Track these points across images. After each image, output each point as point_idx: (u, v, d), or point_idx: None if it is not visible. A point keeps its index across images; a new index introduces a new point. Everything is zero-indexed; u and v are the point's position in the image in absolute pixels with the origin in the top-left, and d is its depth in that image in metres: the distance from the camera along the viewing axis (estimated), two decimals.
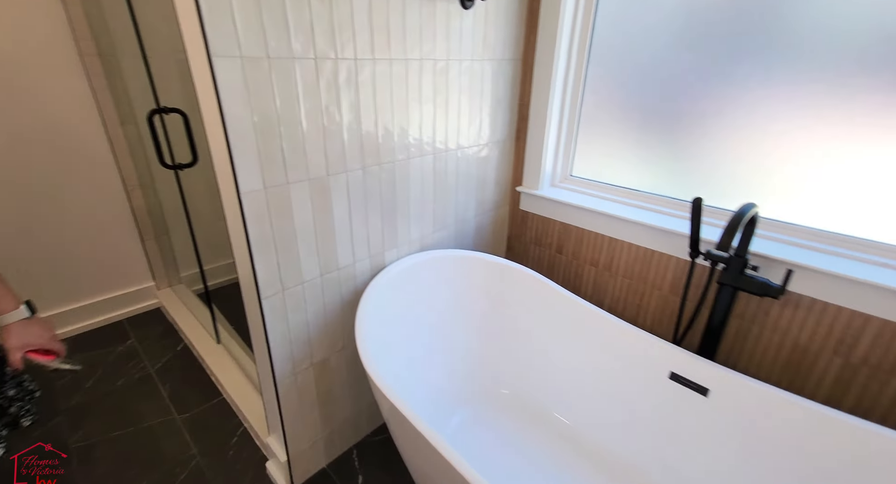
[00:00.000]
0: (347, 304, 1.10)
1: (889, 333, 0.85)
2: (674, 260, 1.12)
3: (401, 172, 1.11)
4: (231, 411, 1.38)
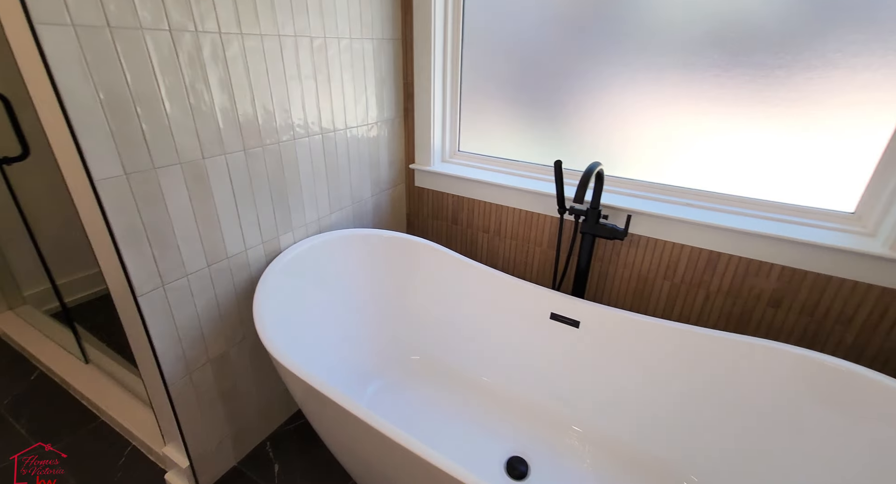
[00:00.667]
0: (243, 293, 1.05)
1: (696, 257, 1.09)
2: (549, 219, 1.28)
3: (288, 154, 1.08)
4: (113, 433, 1.24)
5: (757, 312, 1.06)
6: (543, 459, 1.06)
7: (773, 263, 1.00)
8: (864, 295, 0.94)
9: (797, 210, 1.02)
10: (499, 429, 1.14)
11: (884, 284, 0.91)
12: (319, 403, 0.83)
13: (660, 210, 1.09)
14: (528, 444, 1.10)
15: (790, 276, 1.00)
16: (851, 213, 0.98)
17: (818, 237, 0.94)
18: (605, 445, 1.08)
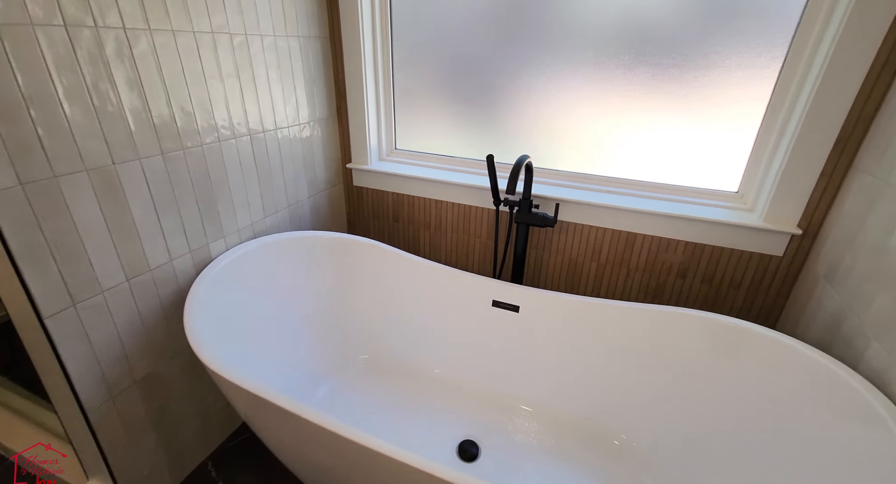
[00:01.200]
0: (171, 306, 0.99)
1: (617, 238, 1.20)
2: (486, 211, 1.33)
3: (213, 157, 1.02)
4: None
5: (668, 284, 1.19)
6: (493, 439, 1.11)
7: (678, 239, 1.13)
8: (748, 262, 1.09)
9: (695, 192, 1.16)
10: (450, 416, 1.17)
11: (761, 251, 1.06)
12: (266, 413, 0.81)
13: (584, 198, 1.18)
14: (479, 427, 1.15)
15: (692, 250, 1.13)
16: (735, 192, 1.13)
17: (712, 214, 1.08)
18: (549, 419, 1.16)
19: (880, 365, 0.73)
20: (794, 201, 1.00)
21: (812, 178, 0.96)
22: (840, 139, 0.91)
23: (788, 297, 1.09)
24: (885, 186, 0.81)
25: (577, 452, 1.08)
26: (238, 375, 0.79)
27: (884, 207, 0.80)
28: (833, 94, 0.88)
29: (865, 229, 0.84)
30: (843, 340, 0.84)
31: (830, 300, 0.91)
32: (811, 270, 1.01)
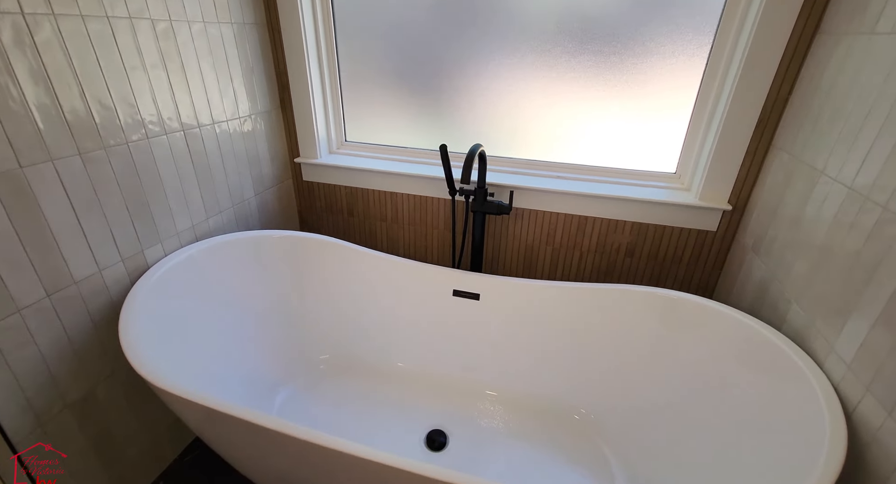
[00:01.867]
0: (103, 321, 0.91)
1: (569, 223, 1.24)
2: (442, 201, 1.33)
3: (142, 156, 0.94)
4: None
5: (618, 263, 1.25)
6: (460, 426, 1.13)
7: (626, 220, 1.19)
8: (687, 238, 1.17)
9: (638, 174, 1.22)
10: (416, 408, 1.17)
11: (698, 227, 1.14)
12: (221, 425, 0.77)
13: (537, 184, 1.20)
14: (446, 416, 1.15)
15: (638, 229, 1.19)
16: (673, 173, 1.20)
17: (653, 195, 1.14)
18: (513, 401, 1.19)
19: (800, 325, 0.82)
20: (724, 180, 1.08)
21: (738, 157, 1.04)
22: (761, 120, 0.99)
23: (722, 268, 1.19)
24: (799, 163, 0.89)
25: (541, 431, 1.12)
26: (186, 389, 0.74)
27: (798, 182, 0.88)
28: (754, 78, 0.95)
29: (784, 203, 0.93)
30: (770, 305, 0.92)
31: (758, 269, 1.00)
32: (741, 242, 1.10)
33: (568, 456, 1.06)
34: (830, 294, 0.75)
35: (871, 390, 0.63)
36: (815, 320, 0.77)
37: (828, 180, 0.79)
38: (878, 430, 0.61)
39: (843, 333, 0.70)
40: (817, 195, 0.82)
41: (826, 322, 0.75)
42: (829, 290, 0.75)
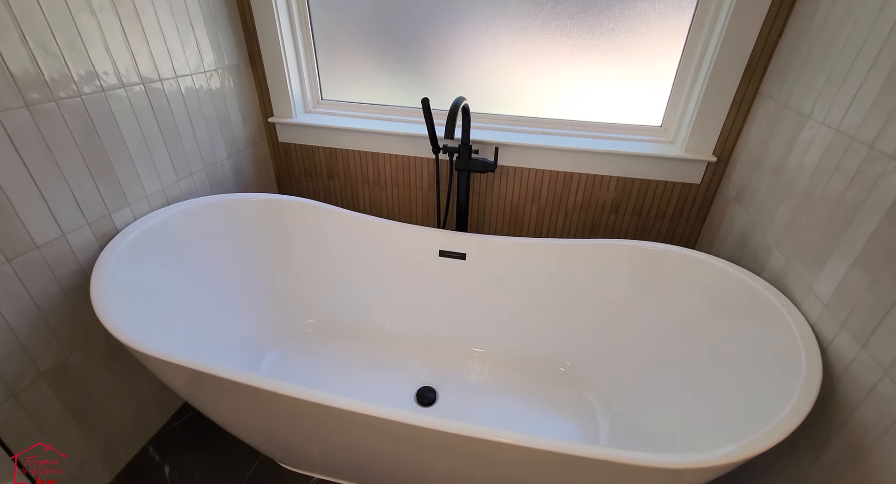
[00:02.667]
0: (73, 288, 0.86)
1: (555, 180, 1.23)
2: (426, 161, 1.29)
3: (98, 111, 0.87)
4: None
5: (603, 219, 1.26)
6: (449, 383, 1.15)
7: (611, 175, 1.18)
8: (672, 191, 1.17)
9: (624, 128, 1.20)
10: (406, 368, 1.18)
11: (682, 181, 1.14)
12: (210, 388, 0.75)
13: (522, 140, 1.17)
14: (435, 374, 1.17)
15: (623, 185, 1.18)
16: (659, 126, 1.18)
17: (639, 148, 1.13)
18: (500, 357, 1.21)
19: (779, 269, 0.83)
20: (709, 131, 1.06)
21: (725, 107, 1.02)
22: (749, 66, 0.97)
23: (705, 221, 1.20)
24: (785, 109, 0.88)
25: (528, 384, 1.15)
26: (171, 353, 0.71)
27: (783, 130, 0.88)
28: (744, 21, 0.93)
29: (768, 151, 0.92)
30: (750, 253, 0.94)
31: (739, 219, 1.01)
32: (724, 194, 1.11)
33: (554, 405, 1.09)
34: (811, 238, 0.76)
35: (847, 326, 0.65)
36: (795, 264, 0.79)
37: (814, 124, 0.79)
38: (850, 362, 0.63)
39: (822, 274, 0.72)
40: (803, 140, 0.81)
41: (805, 265, 0.76)
42: (810, 234, 0.76)
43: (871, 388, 0.59)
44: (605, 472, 0.62)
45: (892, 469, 0.55)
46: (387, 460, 0.81)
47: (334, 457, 0.88)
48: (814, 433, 0.68)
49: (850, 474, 0.61)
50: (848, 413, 0.62)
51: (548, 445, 0.60)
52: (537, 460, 0.63)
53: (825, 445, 0.66)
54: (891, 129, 0.62)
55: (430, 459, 0.74)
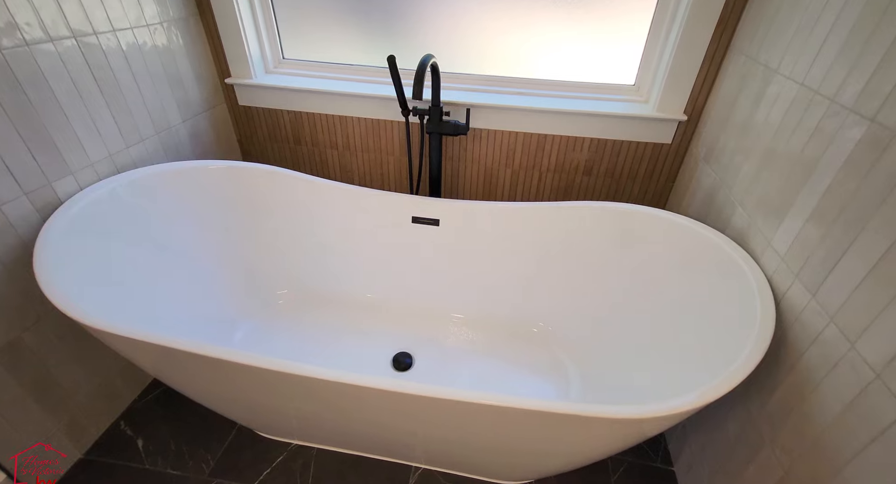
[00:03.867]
0: (16, 263, 0.81)
1: (529, 142, 1.21)
2: (396, 124, 1.24)
3: (24, 68, 0.78)
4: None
5: (576, 182, 1.25)
6: (426, 347, 1.16)
7: (584, 137, 1.16)
8: (643, 152, 1.17)
9: (597, 87, 1.18)
10: (381, 335, 1.19)
11: (654, 141, 1.14)
12: (179, 364, 0.73)
13: (494, 101, 1.14)
14: (412, 340, 1.18)
15: (597, 146, 1.18)
16: (632, 85, 1.17)
17: (612, 108, 1.11)
18: (476, 322, 1.23)
19: (742, 226, 0.85)
20: (680, 89, 1.05)
21: (696, 63, 1.01)
22: (721, 19, 0.95)
23: (675, 181, 1.21)
24: (755, 64, 0.87)
25: (503, 346, 1.17)
26: (135, 329, 0.68)
27: (752, 85, 0.88)
28: None
29: (737, 108, 0.92)
30: (716, 211, 0.96)
31: (707, 178, 1.02)
32: (693, 153, 1.11)
33: (527, 365, 1.12)
34: (772, 194, 0.77)
35: (800, 277, 0.68)
36: (756, 220, 0.81)
37: (781, 79, 0.78)
38: (801, 311, 0.66)
39: (780, 229, 0.74)
40: (769, 96, 0.81)
41: (766, 221, 0.78)
42: (770, 190, 0.78)
43: (818, 334, 0.62)
44: (575, 426, 0.64)
45: (829, 408, 0.59)
46: (364, 425, 0.82)
47: (312, 424, 0.89)
48: (764, 378, 0.72)
49: (793, 415, 0.65)
50: (796, 358, 0.66)
51: (517, 403, 0.62)
52: (508, 418, 0.65)
53: (774, 388, 0.70)
54: (852, 81, 0.63)
55: (407, 422, 0.75)
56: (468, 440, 0.78)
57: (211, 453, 1.00)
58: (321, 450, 1.02)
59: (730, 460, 0.79)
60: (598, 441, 0.71)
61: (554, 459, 0.82)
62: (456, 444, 0.82)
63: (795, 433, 0.64)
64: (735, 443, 0.78)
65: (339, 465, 0.99)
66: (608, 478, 0.99)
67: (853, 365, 0.56)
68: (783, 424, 0.67)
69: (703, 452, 0.89)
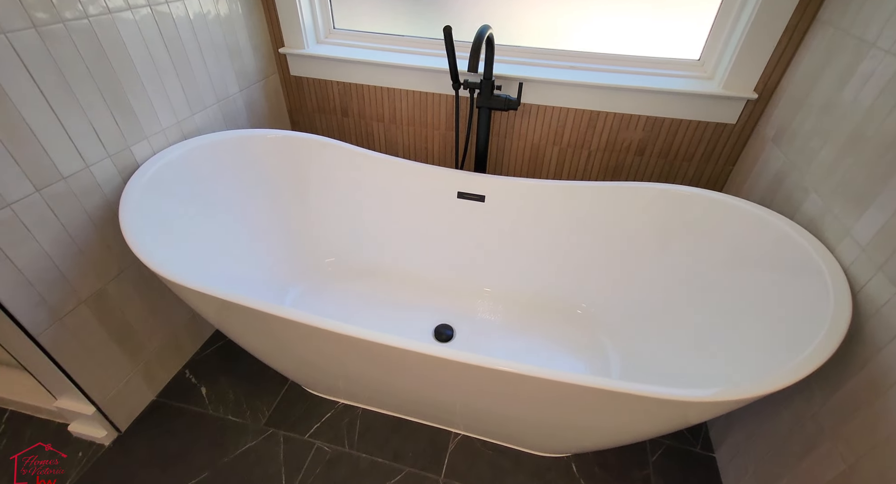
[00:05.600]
0: (102, 220, 0.88)
1: (579, 119, 1.17)
2: (444, 98, 1.23)
3: (108, 35, 0.82)
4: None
5: (627, 162, 1.21)
6: (467, 321, 1.18)
7: (639, 114, 1.12)
8: (703, 132, 1.11)
9: (657, 62, 1.12)
10: (423, 307, 1.22)
11: (716, 120, 1.08)
12: (239, 318, 0.78)
13: (548, 75, 1.11)
14: (453, 313, 1.21)
15: (652, 124, 1.13)
16: (697, 60, 1.10)
17: (672, 85, 1.06)
18: (518, 299, 1.23)
19: (815, 213, 0.81)
20: (753, 64, 0.98)
21: (775, 36, 0.94)
22: None
23: (735, 164, 1.15)
24: (846, 37, 0.80)
25: (545, 325, 1.18)
26: (203, 284, 0.74)
27: (841, 60, 0.81)
28: None
29: (818, 87, 0.86)
30: (784, 196, 0.91)
31: (776, 161, 0.96)
32: (760, 134, 1.05)
33: (568, 345, 1.13)
34: (856, 180, 0.72)
35: (884, 269, 0.64)
36: (833, 207, 0.76)
37: (878, 53, 0.72)
38: (883, 305, 0.63)
39: (864, 217, 0.69)
40: (862, 73, 0.75)
41: (845, 209, 0.73)
42: (854, 176, 0.73)
43: None
44: (617, 404, 0.65)
45: None
46: (408, 390, 0.86)
47: (358, 384, 0.94)
48: (831, 371, 0.70)
49: (861, 414, 0.63)
50: (873, 353, 0.63)
51: (561, 377, 0.62)
52: (551, 392, 0.66)
53: (843, 383, 0.67)
54: None
55: (450, 389, 0.78)
56: (508, 412, 0.81)
57: (266, 406, 1.08)
58: (366, 410, 1.08)
59: (781, 452, 0.78)
60: (639, 422, 0.71)
61: (592, 436, 0.83)
62: (496, 414, 0.84)
63: (864, 429, 0.62)
64: (788, 435, 0.77)
65: (383, 425, 1.05)
66: (646, 458, 1.00)
67: None
68: (850, 419, 0.65)
69: (749, 442, 0.88)
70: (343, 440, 1.02)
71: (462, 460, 0.99)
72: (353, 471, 0.96)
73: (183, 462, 0.97)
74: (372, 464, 0.98)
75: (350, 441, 1.02)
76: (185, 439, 1.01)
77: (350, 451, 1.00)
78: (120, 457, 0.97)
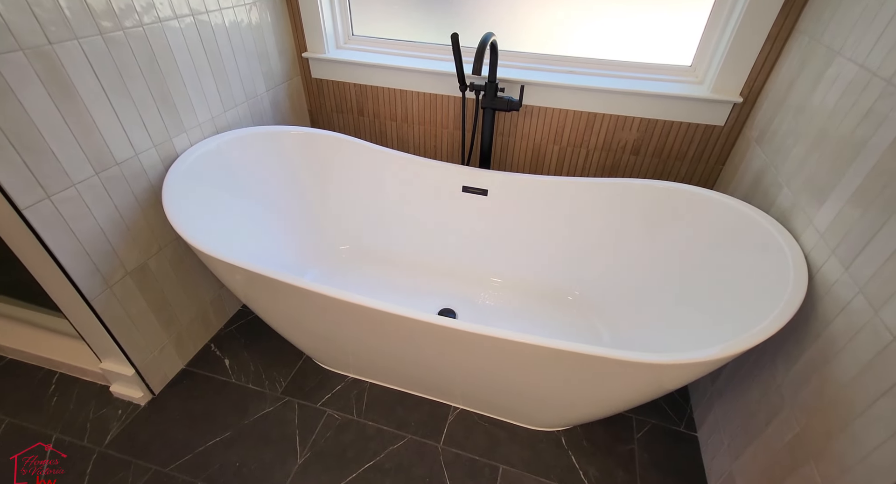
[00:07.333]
0: (147, 202, 1.00)
1: (577, 120, 1.26)
2: (452, 99, 1.34)
3: (158, 41, 0.95)
4: (29, 367, 1.19)
5: (623, 161, 1.29)
6: (468, 306, 1.27)
7: (634, 116, 1.20)
8: (694, 133, 1.19)
9: (651, 67, 1.20)
10: (428, 292, 1.32)
11: (706, 122, 1.16)
12: (264, 290, 0.89)
13: (547, 79, 1.20)
14: (455, 298, 1.30)
15: (646, 126, 1.21)
16: (689, 66, 1.18)
17: (665, 89, 1.14)
18: (516, 286, 1.32)
19: (786, 206, 0.88)
20: (739, 70, 1.06)
21: (758, 44, 1.01)
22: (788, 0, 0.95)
23: (725, 163, 1.22)
24: (818, 45, 0.88)
25: (540, 310, 1.26)
26: (232, 258, 0.84)
27: (813, 66, 0.88)
28: None
29: (794, 90, 0.93)
30: (762, 192, 0.98)
31: (757, 159, 1.04)
32: (746, 135, 1.12)
33: (562, 327, 1.21)
34: (819, 175, 0.80)
35: (836, 252, 0.71)
36: (801, 200, 0.84)
37: (842, 60, 0.79)
38: (833, 284, 0.70)
39: (823, 208, 0.77)
40: (828, 77, 0.82)
41: (810, 201, 0.81)
42: (818, 171, 0.80)
43: (846, 304, 0.67)
44: (596, 369, 0.73)
45: (848, 370, 0.64)
46: (413, 363, 0.95)
47: (367, 360, 1.04)
48: (791, 347, 0.77)
49: (814, 378, 0.70)
50: (823, 326, 0.70)
51: (554, 344, 0.71)
52: (543, 358, 0.75)
53: (799, 355, 0.75)
54: None
55: (450, 359, 0.87)
56: (503, 383, 0.89)
57: (283, 377, 1.18)
58: (373, 384, 1.17)
59: (749, 424, 0.85)
60: (619, 388, 0.79)
61: (579, 404, 0.91)
62: (492, 386, 0.93)
63: (814, 394, 0.69)
64: (756, 407, 0.84)
65: (388, 398, 1.14)
66: (632, 435, 1.07)
67: (875, 330, 0.61)
68: (804, 387, 0.72)
69: (726, 418, 0.95)
70: (352, 409, 1.11)
71: (460, 430, 1.07)
72: (360, 436, 1.06)
73: (209, 422, 1.07)
74: (377, 430, 1.07)
75: (358, 410, 1.11)
76: (211, 403, 1.11)
77: (357, 419, 1.09)
78: (154, 415, 1.09)
